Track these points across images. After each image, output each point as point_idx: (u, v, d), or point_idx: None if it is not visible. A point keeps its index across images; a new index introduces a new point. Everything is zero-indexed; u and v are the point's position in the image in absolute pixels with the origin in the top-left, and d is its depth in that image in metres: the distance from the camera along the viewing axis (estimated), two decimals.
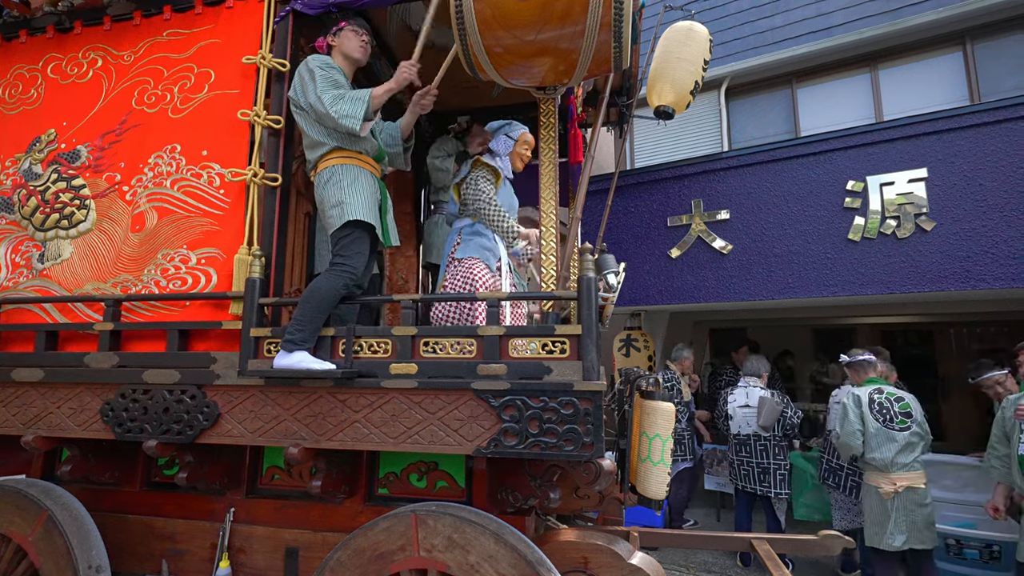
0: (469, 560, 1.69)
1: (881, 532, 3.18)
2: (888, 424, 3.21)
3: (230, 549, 2.18)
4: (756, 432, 4.19)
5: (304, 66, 2.13)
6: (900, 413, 3.23)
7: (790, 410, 4.13)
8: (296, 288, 2.69)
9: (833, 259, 4.20)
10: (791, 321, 7.42)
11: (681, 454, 4.79)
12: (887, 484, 3.16)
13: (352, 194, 2.08)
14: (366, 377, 1.92)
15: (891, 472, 3.17)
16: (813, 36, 5.77)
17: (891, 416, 3.23)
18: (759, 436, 4.18)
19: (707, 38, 3.54)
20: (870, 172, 4.16)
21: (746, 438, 4.26)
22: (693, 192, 4.79)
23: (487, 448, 1.78)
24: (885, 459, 3.17)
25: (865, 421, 3.27)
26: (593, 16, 1.74)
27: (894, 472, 3.16)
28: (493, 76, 2.01)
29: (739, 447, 4.30)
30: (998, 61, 5.14)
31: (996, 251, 3.73)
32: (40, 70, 2.62)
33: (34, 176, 2.49)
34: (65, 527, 2.04)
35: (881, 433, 3.21)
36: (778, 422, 4.12)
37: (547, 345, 1.85)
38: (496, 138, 2.82)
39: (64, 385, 2.20)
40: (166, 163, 2.32)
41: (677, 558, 4.42)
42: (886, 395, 3.31)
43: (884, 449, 3.18)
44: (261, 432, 1.98)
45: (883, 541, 3.16)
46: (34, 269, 2.41)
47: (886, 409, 3.25)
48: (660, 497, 2.35)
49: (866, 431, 3.25)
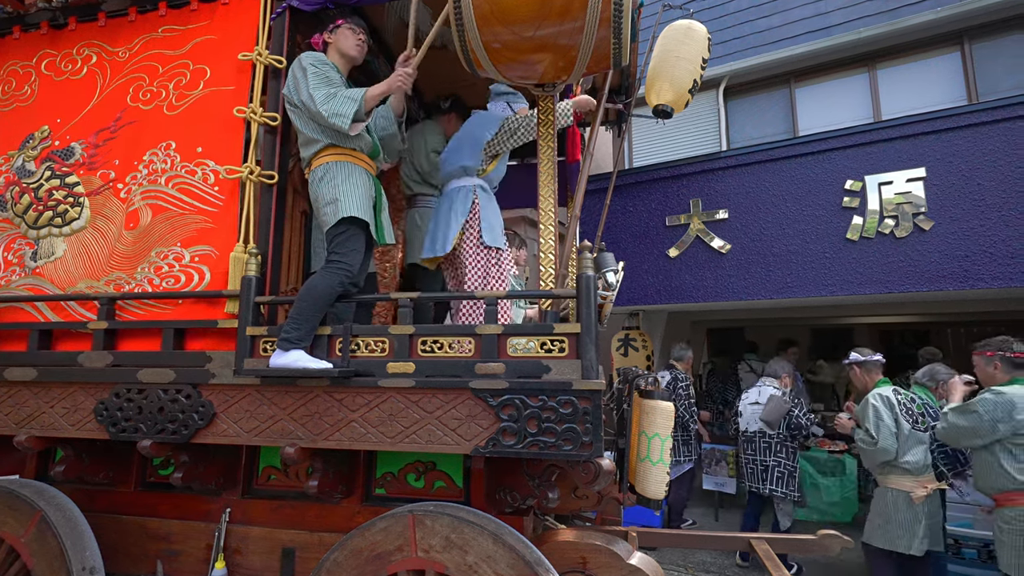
0: (467, 560, 1.67)
1: (909, 537, 3.04)
2: (915, 426, 3.11)
3: (226, 550, 2.16)
4: (761, 429, 4.19)
5: (298, 63, 2.11)
6: (920, 414, 3.15)
7: (798, 409, 4.13)
8: (292, 287, 2.67)
9: (831, 259, 4.20)
10: (789, 321, 7.43)
11: (687, 455, 4.79)
12: (919, 488, 3.04)
13: (346, 191, 2.06)
14: (363, 376, 1.91)
15: (922, 475, 3.07)
16: (811, 36, 5.78)
17: (915, 417, 3.13)
18: (764, 433, 4.19)
19: (706, 37, 3.53)
20: (868, 172, 4.16)
21: (752, 435, 4.27)
22: (691, 191, 4.79)
23: (485, 447, 1.76)
24: (918, 462, 3.07)
25: (899, 423, 3.13)
26: (592, 12, 1.72)
27: (924, 475, 3.07)
28: (491, 72, 1.99)
29: (745, 444, 4.32)
30: (996, 61, 5.15)
31: (994, 250, 3.73)
32: (34, 66, 2.60)
33: (27, 173, 2.47)
34: (58, 528, 2.02)
35: (912, 436, 3.10)
36: (784, 421, 4.12)
37: (546, 344, 1.84)
38: (496, 101, 2.77)
39: (58, 384, 2.18)
40: (161, 160, 2.30)
41: (676, 558, 4.41)
42: (906, 396, 3.19)
43: (916, 451, 3.07)
44: (257, 432, 1.97)
45: (913, 546, 3.03)
46: (27, 267, 2.39)
47: (910, 410, 3.15)
48: (659, 497, 2.34)
49: (900, 434, 3.11)
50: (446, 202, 2.62)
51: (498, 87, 2.85)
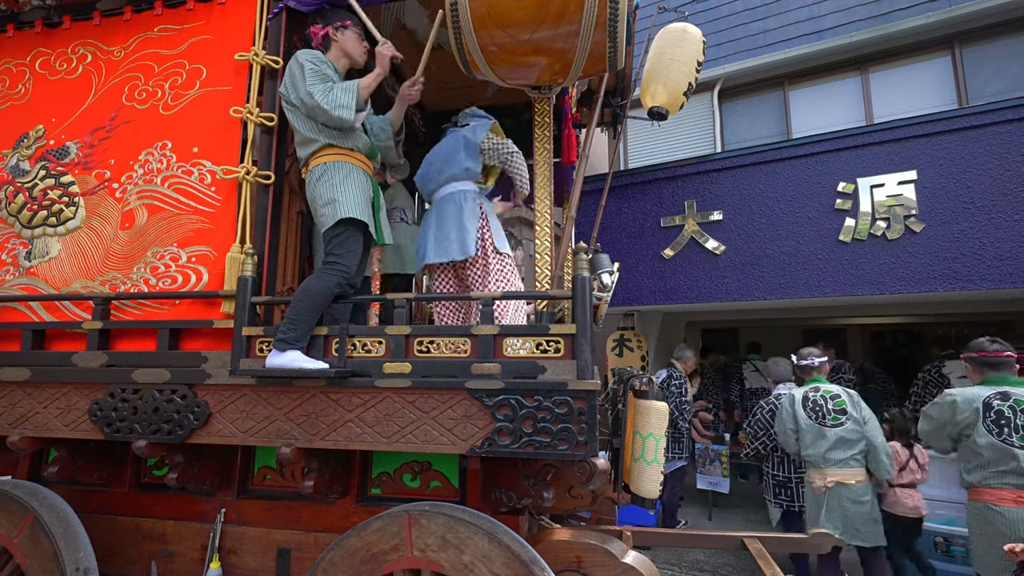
0: (463, 560, 1.68)
1: (814, 526, 3.24)
2: (820, 421, 3.30)
3: (221, 550, 2.16)
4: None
5: (294, 61, 2.10)
6: (834, 410, 3.30)
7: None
8: (288, 287, 2.67)
9: (824, 260, 4.24)
10: (783, 321, 7.49)
11: (678, 452, 4.79)
12: (819, 479, 3.26)
13: (344, 191, 2.06)
14: (359, 376, 1.91)
15: (824, 467, 3.25)
16: (805, 39, 5.83)
17: (824, 413, 3.30)
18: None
19: (700, 40, 3.57)
20: (860, 174, 4.20)
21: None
22: (686, 193, 4.81)
23: (481, 447, 1.77)
24: (817, 455, 3.27)
25: (797, 419, 3.37)
26: (588, 15, 1.74)
27: (827, 468, 3.24)
28: (488, 75, 2.00)
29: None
30: (985, 65, 5.21)
31: (983, 252, 3.78)
32: (28, 65, 2.58)
33: (21, 173, 2.46)
34: (52, 529, 2.01)
35: (813, 429, 3.30)
36: None
37: (541, 344, 1.85)
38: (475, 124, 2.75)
39: (51, 385, 2.17)
40: (157, 160, 2.30)
41: (670, 557, 4.44)
42: (822, 393, 3.38)
43: (816, 445, 3.27)
44: (253, 432, 1.97)
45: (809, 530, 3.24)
46: (21, 267, 2.37)
47: (819, 406, 3.33)
48: (653, 496, 2.36)
49: (799, 428, 3.35)
50: (450, 205, 2.53)
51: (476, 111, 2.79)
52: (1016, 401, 2.57)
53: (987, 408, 2.61)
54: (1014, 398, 2.58)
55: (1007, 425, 2.54)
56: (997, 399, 2.61)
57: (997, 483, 2.53)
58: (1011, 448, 2.49)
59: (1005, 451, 2.51)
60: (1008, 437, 2.52)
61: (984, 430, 2.58)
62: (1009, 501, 2.47)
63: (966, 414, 2.65)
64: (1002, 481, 2.52)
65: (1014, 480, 2.49)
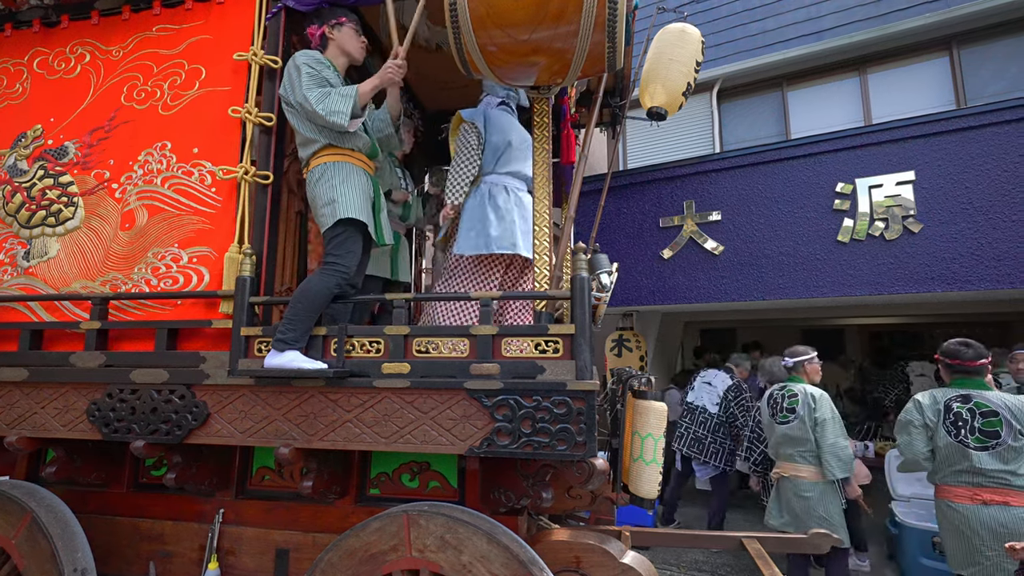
0: (462, 560, 1.68)
1: (770, 517, 3.54)
2: (772, 416, 3.55)
3: (219, 551, 2.16)
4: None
5: (292, 62, 2.10)
6: (786, 408, 3.45)
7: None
8: (287, 287, 2.66)
9: (822, 260, 4.25)
10: (781, 322, 7.50)
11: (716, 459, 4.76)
12: (774, 469, 3.59)
13: (344, 192, 2.06)
14: (358, 377, 1.91)
15: (777, 460, 3.57)
16: (804, 40, 5.84)
17: (777, 410, 3.51)
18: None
19: (699, 40, 3.56)
20: (859, 174, 4.20)
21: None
22: (685, 193, 4.82)
23: (480, 448, 1.77)
24: (771, 448, 3.62)
25: (763, 414, 3.72)
26: (587, 15, 1.74)
27: (778, 460, 3.55)
28: (487, 75, 2.00)
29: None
30: (983, 66, 5.23)
31: (981, 253, 3.79)
32: (26, 64, 2.58)
33: (19, 172, 2.45)
34: (50, 529, 2.00)
35: (768, 424, 3.63)
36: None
37: (540, 344, 1.85)
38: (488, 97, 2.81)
39: (49, 385, 2.17)
40: (156, 160, 2.29)
41: (668, 557, 4.44)
42: (785, 391, 3.54)
43: (771, 439, 3.62)
44: (251, 432, 1.96)
45: (770, 524, 3.51)
46: (19, 267, 2.37)
47: (777, 403, 3.54)
48: (652, 496, 2.36)
49: (763, 423, 3.75)
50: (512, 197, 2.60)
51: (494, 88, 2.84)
52: (976, 404, 2.64)
53: (947, 411, 2.69)
54: (975, 401, 2.65)
55: (964, 427, 2.63)
56: (957, 402, 2.69)
57: (954, 481, 2.63)
58: (965, 448, 2.58)
59: (960, 451, 2.60)
60: (964, 438, 2.61)
61: (944, 432, 2.67)
62: (965, 498, 2.58)
63: (931, 415, 2.74)
64: (958, 480, 2.62)
65: (969, 479, 2.58)
